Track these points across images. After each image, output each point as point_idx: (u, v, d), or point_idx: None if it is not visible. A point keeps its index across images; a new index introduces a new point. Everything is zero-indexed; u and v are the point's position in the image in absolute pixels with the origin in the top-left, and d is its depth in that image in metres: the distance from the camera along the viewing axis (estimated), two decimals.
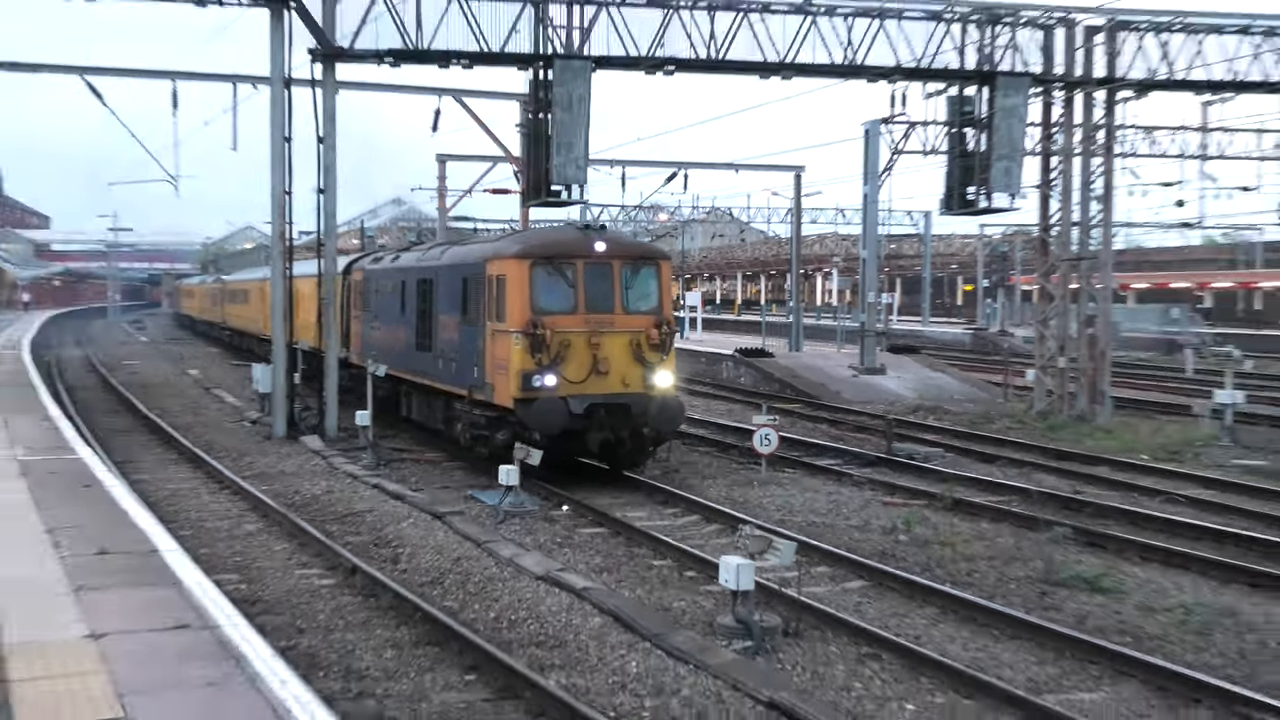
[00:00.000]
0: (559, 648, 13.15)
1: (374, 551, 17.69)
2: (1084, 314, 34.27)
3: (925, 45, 31.57)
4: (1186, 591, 15.70)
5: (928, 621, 14.52)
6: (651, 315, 22.58)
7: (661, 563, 17.35)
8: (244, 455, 26.82)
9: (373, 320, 32.90)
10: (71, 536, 13.64)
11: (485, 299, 23.02)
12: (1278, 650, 13.42)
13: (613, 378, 21.79)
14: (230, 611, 10.81)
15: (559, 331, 21.38)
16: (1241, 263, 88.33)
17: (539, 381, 21.13)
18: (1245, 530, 19.11)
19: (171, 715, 8.05)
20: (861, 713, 11.38)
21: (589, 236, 22.83)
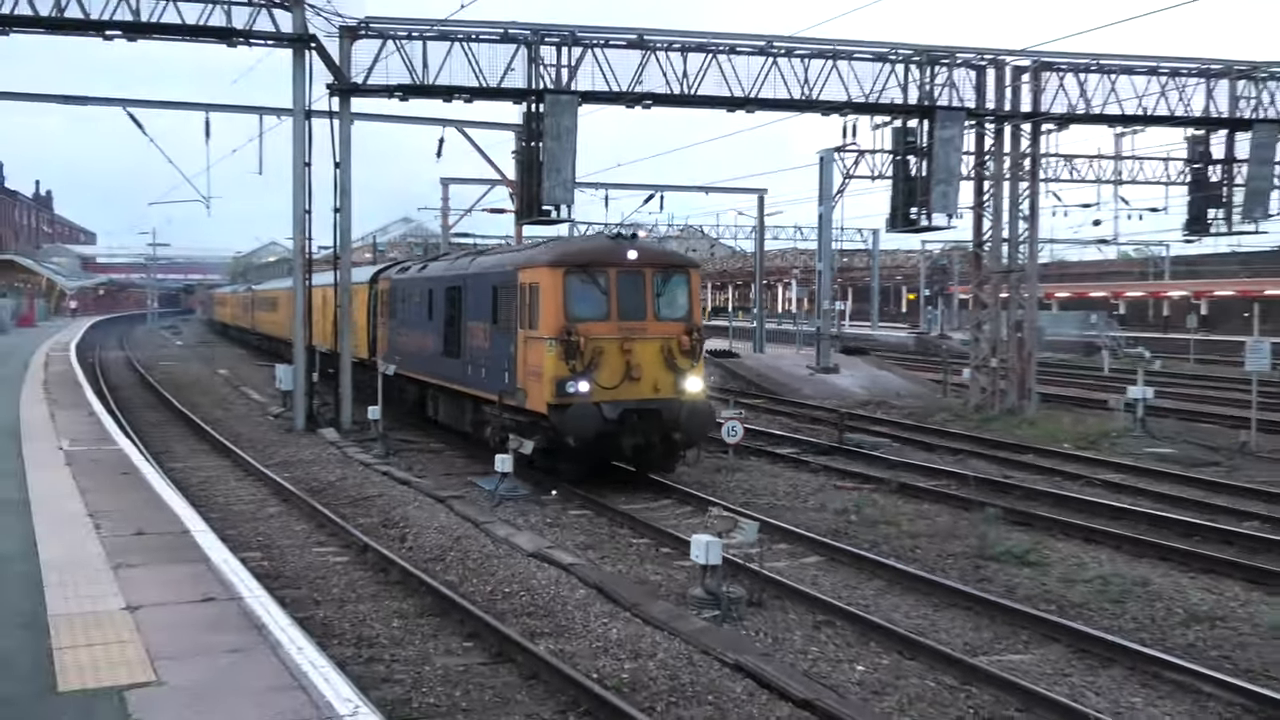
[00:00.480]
0: (548, 617, 13.10)
1: (383, 532, 17.61)
2: (1013, 320, 34.39)
3: (873, 83, 31.66)
4: (1104, 564, 15.72)
5: (876, 592, 14.53)
6: (682, 322, 20.97)
7: (640, 541, 17.34)
8: (267, 446, 26.71)
9: (400, 327, 30.87)
10: (111, 519, 13.53)
11: (517, 306, 21.35)
12: (1184, 616, 13.44)
13: (644, 384, 20.17)
14: (253, 585, 10.73)
15: (592, 338, 19.78)
16: (1151, 275, 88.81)
17: (573, 387, 19.56)
18: (1155, 510, 19.19)
19: (199, 678, 7.97)
20: (817, 673, 11.35)
21: (621, 245, 21.25)
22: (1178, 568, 15.76)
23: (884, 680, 11.21)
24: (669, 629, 12.42)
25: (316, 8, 28.22)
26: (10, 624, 9.34)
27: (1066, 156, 45.60)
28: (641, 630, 12.42)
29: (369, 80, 28.83)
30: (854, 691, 10.89)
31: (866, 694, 10.86)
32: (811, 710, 10.08)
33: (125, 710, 7.34)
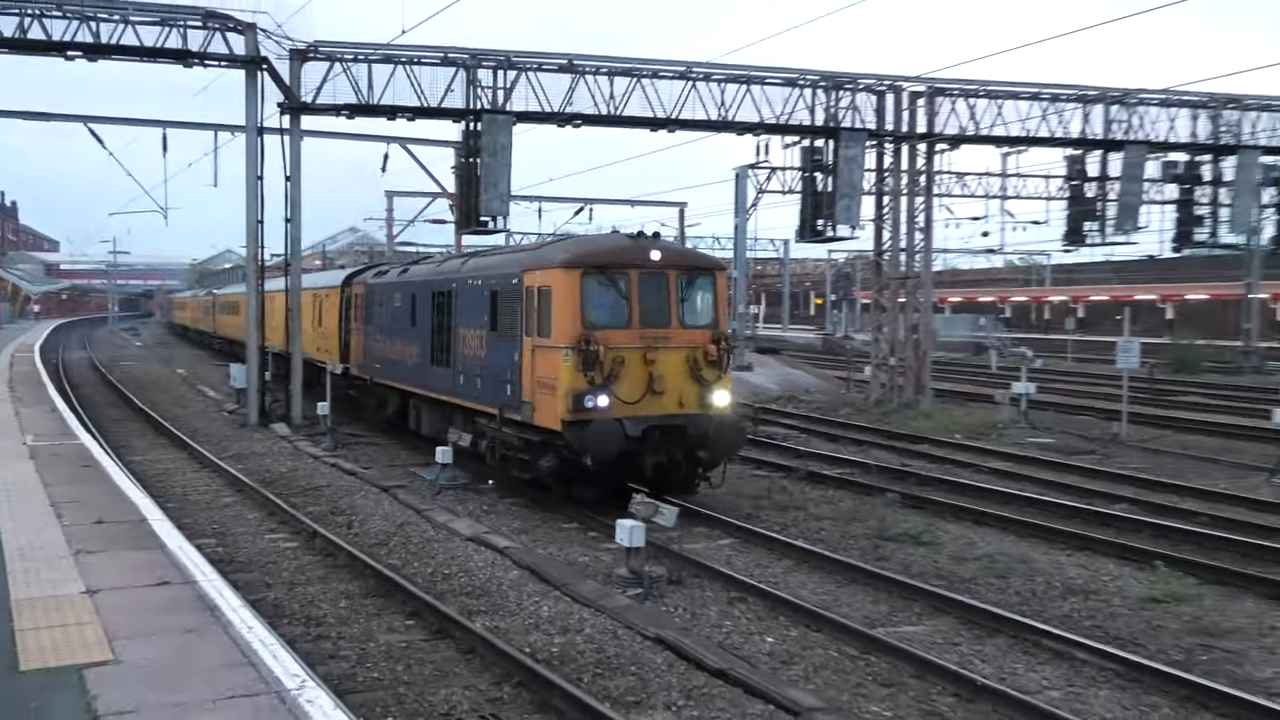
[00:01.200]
0: (484, 596, 13.06)
1: (331, 519, 17.42)
2: (910, 322, 34.87)
3: (784, 105, 31.92)
4: (991, 544, 15.95)
5: (785, 570, 14.62)
6: (708, 330, 17.63)
7: (570, 526, 17.31)
8: (222, 440, 26.30)
9: (377, 333, 27.20)
10: (72, 508, 13.28)
11: (522, 313, 17.95)
12: (1061, 590, 13.69)
13: (668, 397, 16.96)
14: (207, 570, 10.59)
15: (612, 348, 16.47)
16: (1034, 281, 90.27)
17: (591, 402, 16.29)
18: (1037, 494, 19.50)
19: (154, 657, 7.86)
20: (731, 644, 11.41)
21: (643, 244, 17.89)
22: (1057, 546, 16.04)
23: (792, 651, 11.29)
24: (596, 606, 12.44)
25: (268, 32, 28.04)
26: None
27: (958, 174, 46.28)
28: (570, 608, 12.42)
29: (318, 99, 28.61)
30: (764, 661, 10.96)
31: (776, 663, 10.93)
32: (725, 679, 10.14)
33: (84, 687, 7.22)
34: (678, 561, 14.38)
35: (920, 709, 9.79)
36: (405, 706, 9.53)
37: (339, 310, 31.04)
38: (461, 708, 9.51)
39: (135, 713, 6.83)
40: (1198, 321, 62.52)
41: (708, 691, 9.84)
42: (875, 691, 10.19)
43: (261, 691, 7.18)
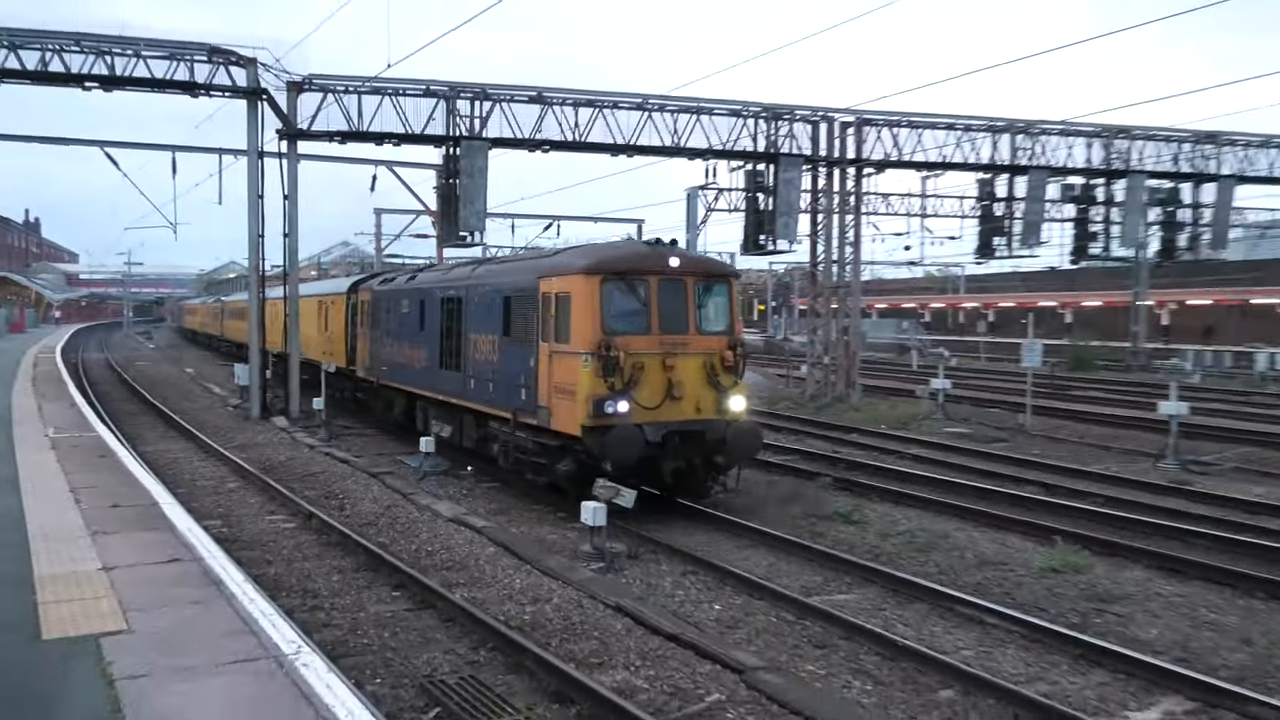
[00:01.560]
0: (463, 570, 13.01)
1: (325, 502, 17.28)
2: (841, 326, 35.10)
3: (730, 134, 32.07)
4: (913, 521, 16.07)
5: (732, 547, 14.64)
6: (724, 336, 16.11)
7: (539, 507, 17.25)
8: (227, 432, 26.02)
9: (384, 338, 25.42)
10: (90, 494, 13.10)
11: (538, 318, 16.37)
12: (975, 561, 13.82)
13: (686, 403, 15.49)
14: (213, 548, 10.48)
15: (632, 353, 15.04)
16: (950, 290, 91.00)
17: (611, 408, 14.83)
18: (953, 478, 19.67)
19: (164, 626, 7.77)
20: (683, 612, 11.44)
21: (661, 251, 16.39)
22: (970, 523, 16.20)
23: (736, 617, 11.34)
24: (562, 579, 12.42)
25: (267, 66, 27.89)
26: (2, 583, 9.01)
27: (883, 194, 46.29)
28: (540, 580, 12.39)
29: (313, 126, 28.50)
30: (712, 626, 11.00)
31: (722, 628, 10.98)
32: (677, 642, 10.16)
33: (101, 654, 7.13)
34: (635, 539, 14.39)
35: (849, 667, 9.86)
36: (392, 669, 9.48)
37: (345, 316, 29.48)
38: (443, 669, 9.47)
39: (147, 676, 6.75)
40: (1093, 325, 63.26)
41: (662, 653, 9.85)
42: (810, 652, 10.26)
43: (261, 656, 7.12)
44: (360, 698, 6.54)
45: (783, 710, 8.59)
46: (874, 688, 9.33)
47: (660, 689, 9.01)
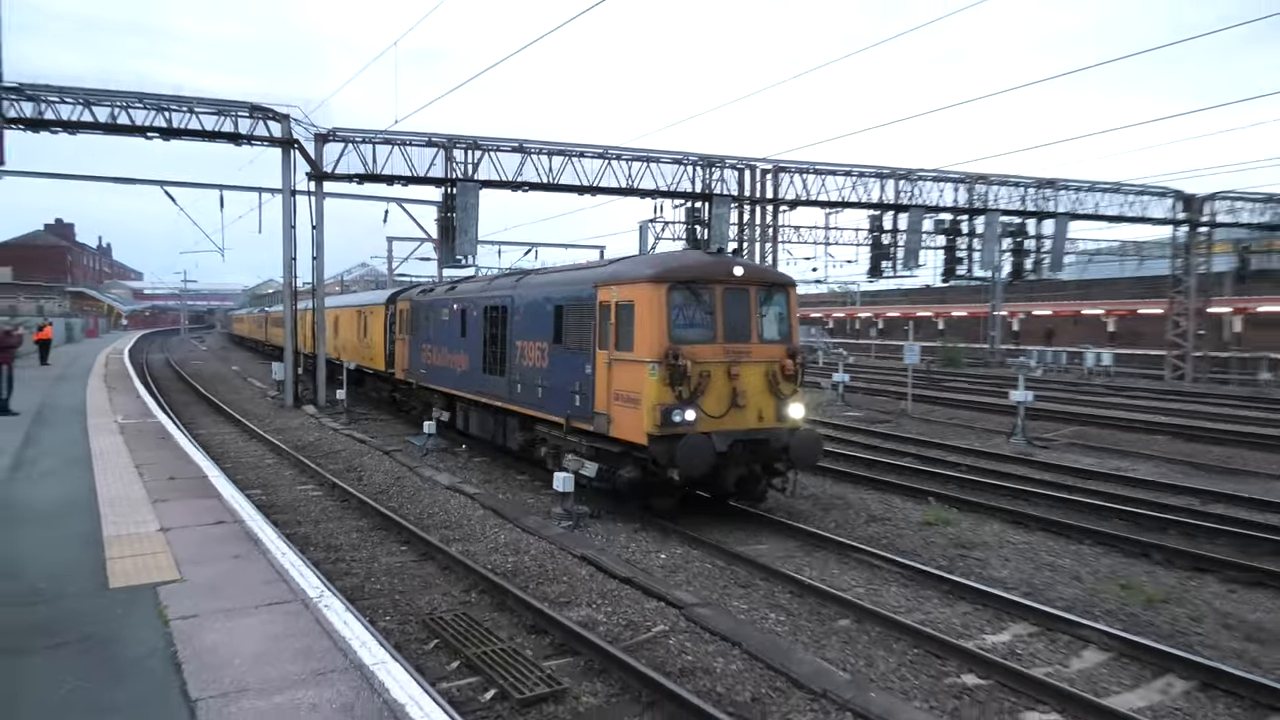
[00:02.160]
0: (458, 528, 12.90)
1: (346, 475, 17.04)
2: None
3: (673, 178, 32.08)
4: (818, 488, 16.09)
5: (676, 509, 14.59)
6: (784, 344, 13.44)
7: (521, 478, 17.12)
8: (265, 418, 25.60)
9: (424, 343, 22.73)
10: (150, 469, 12.84)
11: (595, 326, 13.68)
12: (866, 518, 13.90)
13: (749, 411, 12.96)
14: (253, 512, 10.31)
15: (699, 362, 12.51)
16: (849, 302, 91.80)
17: (678, 417, 12.33)
18: (849, 452, 19.77)
19: (211, 575, 7.63)
20: (635, 560, 11.42)
21: (725, 260, 13.94)
22: (863, 487, 16.31)
23: (678, 564, 11.33)
24: (538, 534, 12.36)
25: (298, 120, 27.50)
26: (76, 542, 8.81)
27: (795, 226, 46.29)
28: (520, 536, 12.33)
29: (336, 169, 28.10)
30: (658, 571, 10.98)
31: (666, 572, 10.96)
32: (630, 584, 10.15)
33: (157, 599, 7.00)
34: (598, 502, 14.34)
35: (768, 602, 9.90)
36: (400, 608, 9.37)
37: (384, 324, 26.88)
38: (441, 608, 9.38)
39: (196, 617, 6.63)
40: (960, 331, 64.10)
41: (617, 593, 9.83)
42: (736, 591, 10.28)
43: (290, 600, 7.01)
44: (372, 631, 6.46)
45: (714, 637, 8.60)
46: (787, 618, 9.37)
47: (616, 622, 8.98)
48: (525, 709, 7.01)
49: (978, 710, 7.28)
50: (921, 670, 8.06)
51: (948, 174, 36.20)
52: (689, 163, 32.29)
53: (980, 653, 8.25)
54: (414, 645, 8.33)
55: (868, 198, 35.13)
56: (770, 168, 33.93)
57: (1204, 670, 7.92)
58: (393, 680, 5.55)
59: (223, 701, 5.29)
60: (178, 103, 26.13)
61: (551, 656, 8.10)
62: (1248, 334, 48.32)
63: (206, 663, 5.83)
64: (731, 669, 7.86)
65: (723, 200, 32.52)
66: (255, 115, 26.93)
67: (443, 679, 7.50)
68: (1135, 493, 15.53)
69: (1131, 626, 9.17)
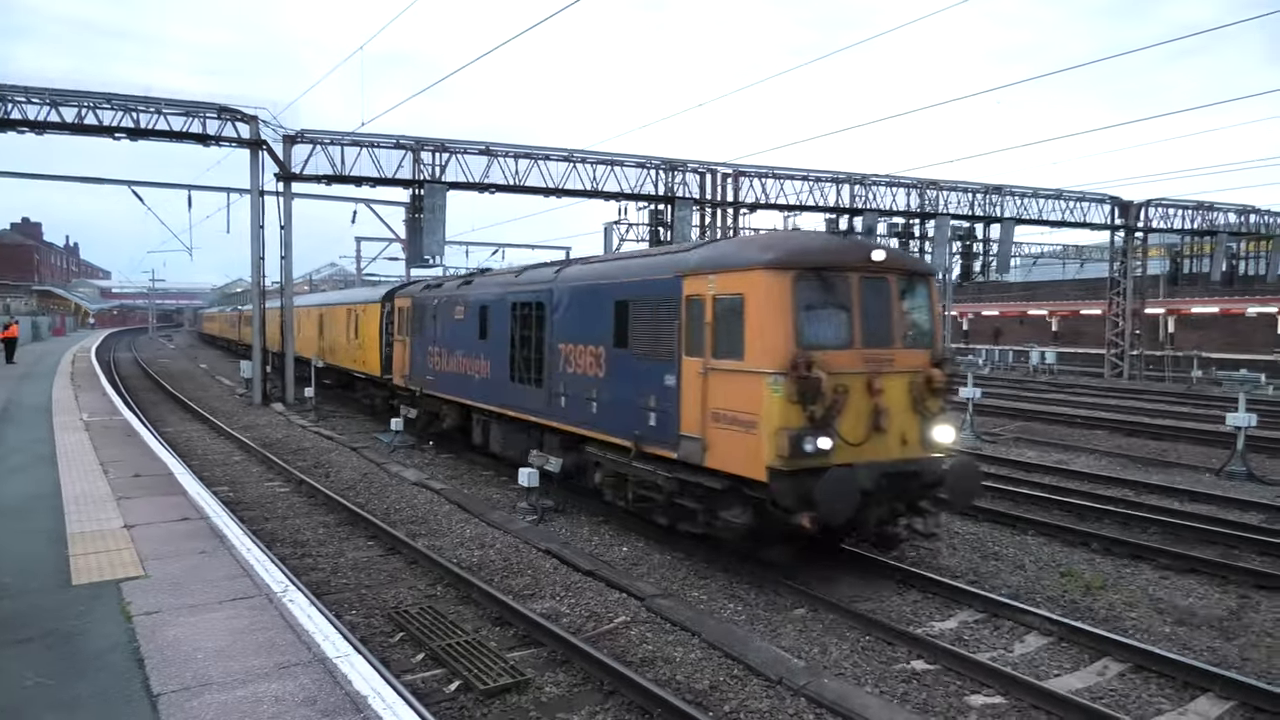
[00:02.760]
0: (425, 523, 12.78)
1: (314, 471, 16.81)
2: None
3: (637, 181, 32.09)
4: None
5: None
6: (928, 350, 10.32)
7: (487, 473, 17.02)
8: (233, 415, 25.17)
9: (430, 346, 19.11)
10: (116, 466, 12.57)
11: (679, 326, 10.52)
12: None
13: (892, 436, 9.81)
14: (218, 508, 10.13)
15: (835, 373, 9.34)
16: None
17: (811, 445, 9.13)
18: None
19: (175, 572, 7.48)
20: (597, 553, 11.38)
21: (862, 243, 11.38)
22: None
23: (639, 557, 11.31)
24: (503, 528, 12.29)
25: (266, 122, 27.15)
26: (39, 539, 8.60)
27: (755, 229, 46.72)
28: (486, 530, 12.25)
29: (304, 170, 27.73)
30: (620, 564, 10.96)
31: (628, 565, 10.94)
32: (593, 576, 10.12)
33: (120, 595, 6.84)
34: (562, 497, 14.29)
35: (726, 593, 9.91)
36: (366, 602, 9.26)
37: (380, 323, 23.53)
38: (406, 602, 9.29)
39: (159, 612, 6.49)
40: None
41: (581, 585, 9.80)
42: (695, 582, 10.28)
43: (255, 594, 6.90)
44: (337, 625, 6.37)
45: (674, 628, 8.60)
46: (744, 609, 9.40)
47: (579, 613, 8.95)
48: (489, 700, 6.96)
49: (925, 694, 7.36)
50: (873, 656, 8.13)
51: (901, 179, 36.62)
52: (652, 166, 32.31)
53: (928, 639, 8.34)
54: (379, 638, 8.23)
55: (825, 202, 35.40)
56: (731, 172, 34.05)
57: (1138, 653, 8.07)
58: (356, 673, 5.48)
59: (185, 695, 5.18)
60: (145, 104, 25.63)
61: (515, 648, 8.05)
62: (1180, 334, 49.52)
63: (169, 657, 5.71)
64: (691, 658, 7.87)
65: (685, 203, 32.58)
66: (223, 116, 26.49)
67: (407, 671, 7.42)
68: (1076, 485, 15.80)
69: (1071, 613, 9.32)
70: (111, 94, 25.37)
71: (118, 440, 15.37)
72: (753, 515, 9.67)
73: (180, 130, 26.07)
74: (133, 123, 25.55)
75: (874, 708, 6.83)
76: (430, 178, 28.70)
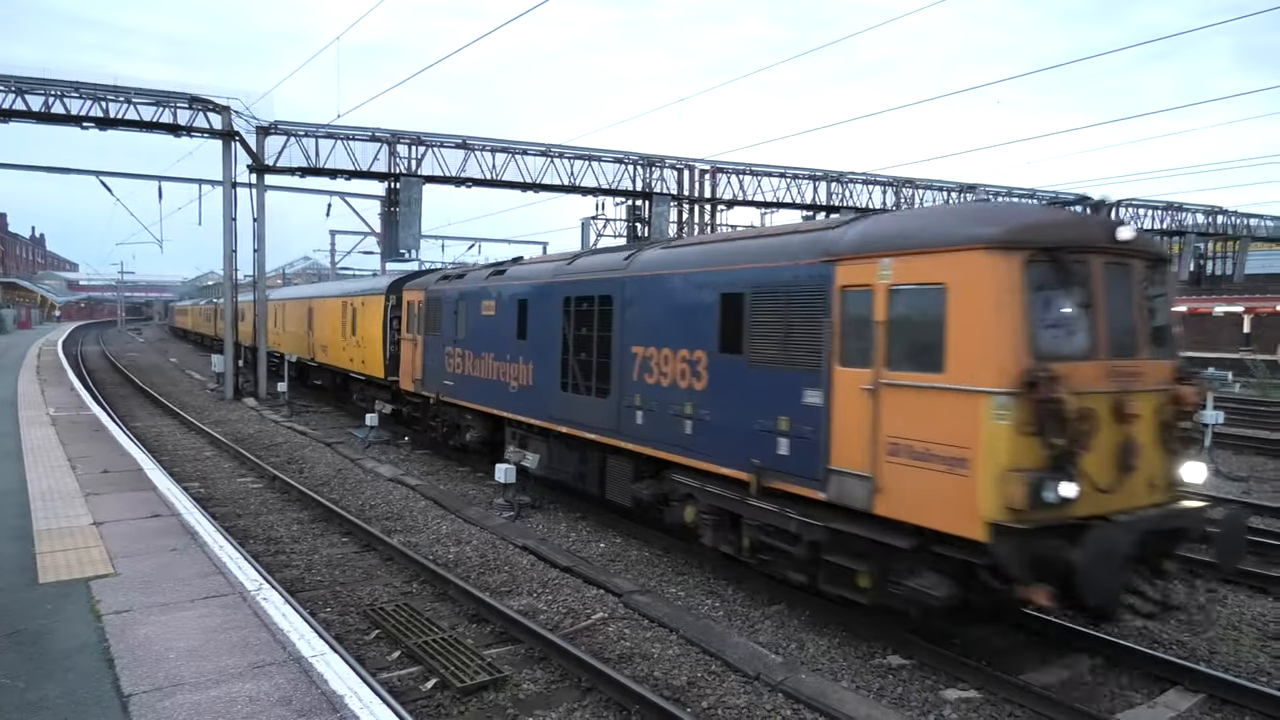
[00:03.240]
0: (400, 519, 12.69)
1: (287, 467, 16.63)
2: None
3: (614, 176, 32.07)
4: None
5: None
6: (1173, 361, 7.56)
7: (463, 469, 16.94)
8: (205, 410, 24.84)
9: (447, 346, 16.51)
10: (84, 462, 12.36)
11: (830, 325, 7.79)
12: None
13: (1141, 477, 6.99)
14: (189, 505, 10.00)
15: (1079, 393, 6.50)
16: None
17: (1053, 493, 6.29)
18: None
19: (145, 569, 7.36)
20: (575, 550, 11.36)
21: (1102, 220, 8.30)
22: None
23: (617, 553, 11.30)
24: (480, 525, 12.23)
25: (239, 113, 26.77)
26: (5, 537, 8.42)
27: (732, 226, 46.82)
28: (462, 526, 12.18)
29: (278, 163, 27.39)
30: (598, 560, 10.94)
31: (606, 561, 10.93)
32: (571, 573, 10.09)
33: (89, 594, 6.72)
34: (539, 493, 14.24)
35: (704, 589, 9.92)
36: (340, 599, 9.17)
37: (384, 320, 20.73)
38: (382, 599, 9.20)
39: (129, 611, 6.38)
40: None
41: (559, 582, 9.77)
42: (674, 578, 10.28)
43: (228, 593, 6.80)
44: (311, 623, 6.30)
45: (652, 624, 8.59)
46: (721, 604, 9.41)
47: (557, 610, 8.92)
48: (466, 697, 6.91)
49: (902, 688, 7.40)
50: (850, 651, 8.17)
51: (877, 177, 36.82)
52: (630, 162, 32.27)
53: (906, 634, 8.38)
54: (355, 636, 8.15)
55: (801, 199, 35.53)
56: (709, 168, 34.09)
57: (1106, 645, 8.16)
58: (332, 672, 5.41)
59: (157, 696, 5.09)
60: (114, 93, 25.20)
61: (492, 645, 8.00)
62: None
63: (140, 657, 5.61)
64: (669, 654, 7.86)
65: (662, 199, 32.61)
66: (195, 106, 26.09)
67: (383, 669, 7.36)
68: None
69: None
70: (80, 82, 24.91)
71: (85, 435, 15.12)
72: (955, 585, 7.00)
73: (151, 120, 25.66)
74: (101, 112, 25.11)
75: (850, 702, 6.86)
76: (406, 171, 28.47)
